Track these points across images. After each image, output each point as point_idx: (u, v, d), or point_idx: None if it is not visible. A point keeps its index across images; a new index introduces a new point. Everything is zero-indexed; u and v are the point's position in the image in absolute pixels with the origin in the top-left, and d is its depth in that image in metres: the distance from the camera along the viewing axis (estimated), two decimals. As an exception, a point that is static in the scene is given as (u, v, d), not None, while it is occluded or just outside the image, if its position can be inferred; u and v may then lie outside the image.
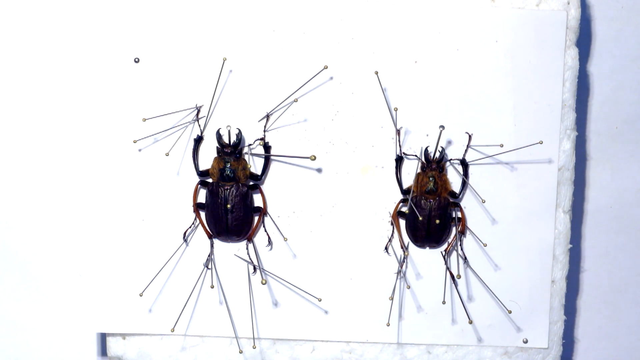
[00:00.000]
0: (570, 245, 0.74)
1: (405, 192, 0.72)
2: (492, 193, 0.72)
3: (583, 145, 0.81)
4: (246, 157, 0.71)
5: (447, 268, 0.73)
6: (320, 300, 0.73)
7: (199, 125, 0.71)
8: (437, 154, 0.71)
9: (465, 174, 0.72)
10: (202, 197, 0.72)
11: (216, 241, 0.73)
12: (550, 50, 0.71)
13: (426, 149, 0.71)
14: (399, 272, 0.73)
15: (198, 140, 0.71)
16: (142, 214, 0.72)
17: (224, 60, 0.69)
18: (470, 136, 0.71)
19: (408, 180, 0.72)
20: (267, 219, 0.73)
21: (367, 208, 0.73)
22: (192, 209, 0.72)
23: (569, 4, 0.71)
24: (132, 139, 0.71)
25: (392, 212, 0.73)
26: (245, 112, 0.71)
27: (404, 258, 0.73)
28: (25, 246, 0.81)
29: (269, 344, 0.75)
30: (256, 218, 0.73)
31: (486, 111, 0.71)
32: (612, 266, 0.84)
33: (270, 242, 0.73)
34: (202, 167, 0.72)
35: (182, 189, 0.72)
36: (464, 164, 0.72)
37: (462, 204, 0.73)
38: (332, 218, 0.73)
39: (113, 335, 0.74)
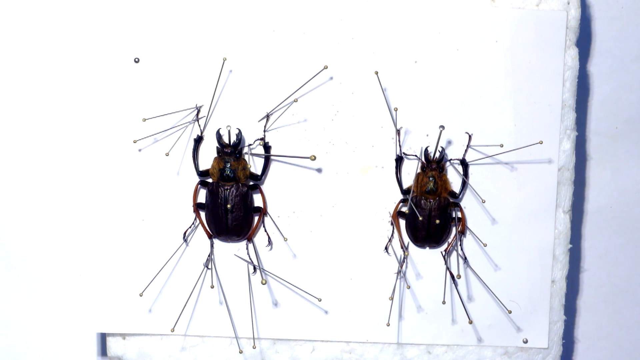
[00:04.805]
0: (570, 245, 0.74)
1: (405, 192, 0.72)
2: (492, 193, 0.72)
3: (583, 145, 0.81)
4: (246, 157, 0.71)
5: (447, 268, 0.73)
6: (320, 300, 0.73)
7: (199, 125, 0.71)
8: (437, 154, 0.71)
9: (465, 174, 0.72)
10: (202, 197, 0.72)
11: (216, 241, 0.73)
12: (550, 50, 0.71)
13: (426, 149, 0.71)
14: (399, 272, 0.73)
15: (198, 140, 0.71)
16: (142, 214, 0.72)
17: (224, 60, 0.69)
18: (470, 136, 0.71)
19: (408, 180, 0.72)
20: (267, 219, 0.73)
21: (367, 208, 0.73)
22: (192, 209, 0.72)
23: (569, 4, 0.71)
24: (132, 139, 0.71)
25: (392, 212, 0.73)
26: (245, 112, 0.71)
27: (404, 258, 0.73)
28: (25, 246, 0.81)
29: (269, 344, 0.75)
30: (256, 218, 0.73)
31: (486, 111, 0.71)
32: (612, 266, 0.84)
33: (270, 242, 0.73)
34: (202, 167, 0.72)
35: (182, 189, 0.72)
36: (464, 164, 0.72)
37: (462, 204, 0.73)
38: (332, 218, 0.73)
39: (113, 335, 0.74)
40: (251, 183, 0.72)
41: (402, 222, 0.73)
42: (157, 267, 0.72)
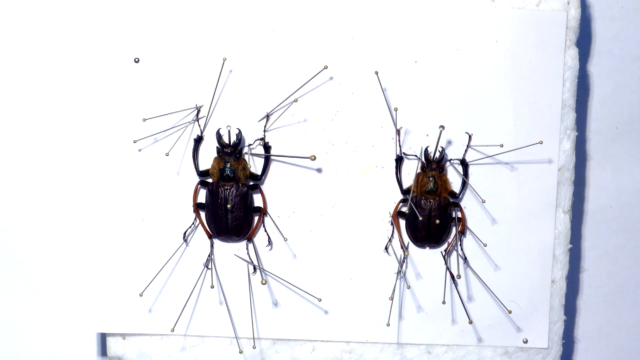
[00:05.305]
0: (570, 245, 0.74)
1: (405, 192, 0.72)
2: (492, 193, 0.72)
3: (583, 145, 0.81)
4: (246, 157, 0.71)
5: (447, 268, 0.73)
6: (320, 300, 0.73)
7: (199, 125, 0.71)
8: (437, 154, 0.71)
9: (465, 174, 0.72)
10: (202, 197, 0.72)
11: (216, 241, 0.73)
12: (550, 50, 0.71)
13: (426, 149, 0.71)
14: (399, 272, 0.73)
15: (198, 140, 0.71)
16: (142, 214, 0.72)
17: (224, 60, 0.69)
18: (470, 136, 0.71)
19: (408, 180, 0.72)
20: (267, 219, 0.73)
21: (367, 208, 0.73)
22: (192, 209, 0.72)
23: (569, 4, 0.71)
24: (132, 139, 0.71)
25: (392, 212, 0.73)
26: (245, 112, 0.71)
27: (404, 258, 0.73)
28: (25, 246, 0.81)
29: (269, 344, 0.75)
30: (256, 218, 0.73)
31: (486, 111, 0.71)
32: (612, 266, 0.84)
33: (270, 242, 0.73)
34: (202, 167, 0.72)
35: (182, 189, 0.72)
36: (464, 164, 0.72)
37: (462, 204, 0.73)
38: (332, 218, 0.73)
39: (113, 335, 0.74)
40: (251, 183, 0.72)
41: (402, 222, 0.73)
42: (157, 267, 0.72)
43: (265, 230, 0.73)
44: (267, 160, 0.72)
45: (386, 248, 0.73)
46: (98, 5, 0.70)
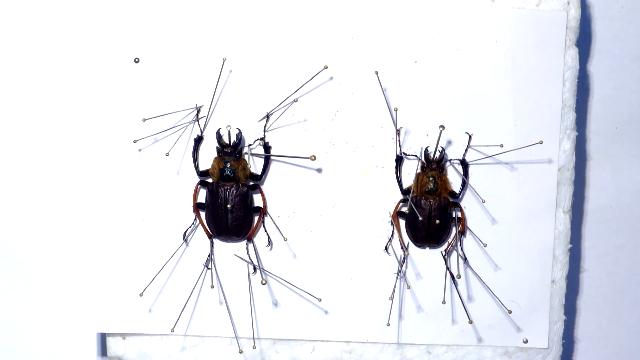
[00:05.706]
0: (570, 245, 0.74)
1: (405, 192, 0.72)
2: (492, 193, 0.72)
3: (583, 145, 0.81)
4: (246, 157, 0.71)
5: (447, 268, 0.73)
6: (320, 300, 0.73)
7: (199, 125, 0.71)
8: (437, 154, 0.71)
9: (465, 174, 0.72)
10: (202, 197, 0.72)
11: (216, 241, 0.73)
12: (550, 50, 0.71)
13: (426, 149, 0.71)
14: (399, 272, 0.73)
15: (198, 140, 0.71)
16: (142, 214, 0.72)
17: (224, 60, 0.69)
18: (470, 136, 0.71)
19: (408, 180, 0.72)
20: (267, 219, 0.73)
21: (367, 208, 0.73)
22: (192, 209, 0.72)
23: (569, 4, 0.71)
24: (132, 139, 0.71)
25: (392, 212, 0.73)
26: (245, 112, 0.71)
27: (404, 258, 0.73)
28: (25, 246, 0.81)
29: (269, 344, 0.75)
30: (256, 218, 0.73)
31: (486, 111, 0.71)
32: (612, 266, 0.84)
33: (270, 242, 0.73)
34: (202, 167, 0.72)
35: (182, 189, 0.72)
36: (464, 164, 0.72)
37: (462, 204, 0.73)
38: (332, 218, 0.73)
39: (113, 335, 0.74)
40: (251, 183, 0.72)
41: (402, 222, 0.73)
42: (157, 267, 0.72)
43: (265, 230, 0.73)
44: (267, 160, 0.72)
45: (386, 248, 0.73)
46: (98, 5, 0.70)
